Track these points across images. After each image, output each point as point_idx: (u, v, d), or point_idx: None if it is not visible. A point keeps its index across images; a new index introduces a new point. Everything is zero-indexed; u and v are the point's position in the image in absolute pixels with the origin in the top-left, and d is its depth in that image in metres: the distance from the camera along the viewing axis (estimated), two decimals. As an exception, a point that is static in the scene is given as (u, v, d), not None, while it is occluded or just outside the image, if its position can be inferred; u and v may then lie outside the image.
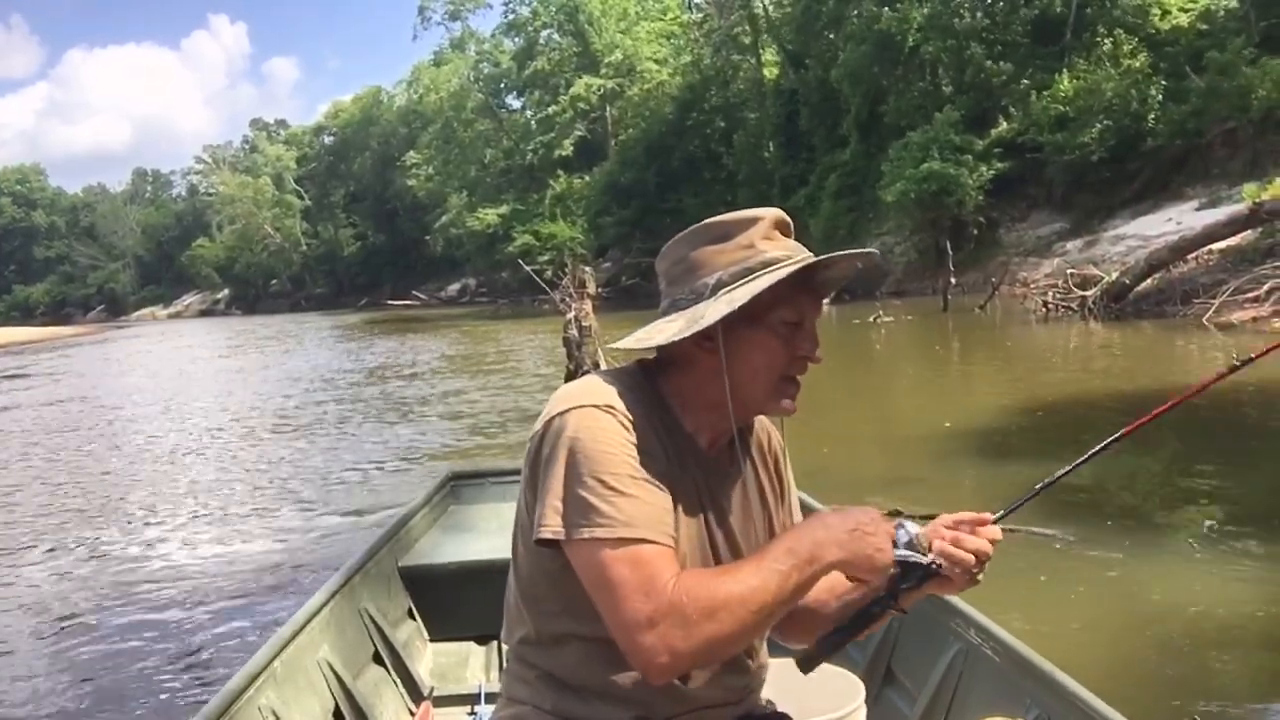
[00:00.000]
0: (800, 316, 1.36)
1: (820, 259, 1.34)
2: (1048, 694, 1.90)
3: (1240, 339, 13.64)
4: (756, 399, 1.37)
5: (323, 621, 2.64)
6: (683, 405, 1.38)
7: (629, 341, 1.38)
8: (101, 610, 5.74)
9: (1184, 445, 7.93)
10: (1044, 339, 16.82)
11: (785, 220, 1.38)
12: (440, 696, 2.96)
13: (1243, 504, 6.14)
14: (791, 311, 1.34)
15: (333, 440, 11.55)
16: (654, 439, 1.31)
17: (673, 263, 1.38)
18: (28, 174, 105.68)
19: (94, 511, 8.65)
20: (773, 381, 1.36)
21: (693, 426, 1.39)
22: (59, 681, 4.72)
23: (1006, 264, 24.14)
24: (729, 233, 1.34)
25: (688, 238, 1.38)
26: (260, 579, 6.07)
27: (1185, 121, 22.98)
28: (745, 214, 1.36)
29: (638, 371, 1.40)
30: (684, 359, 1.36)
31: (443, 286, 64.14)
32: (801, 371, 1.38)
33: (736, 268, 1.32)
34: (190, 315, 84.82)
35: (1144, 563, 5.01)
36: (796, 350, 1.36)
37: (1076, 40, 27.07)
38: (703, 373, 1.36)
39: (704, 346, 1.33)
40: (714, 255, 1.34)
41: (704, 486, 1.38)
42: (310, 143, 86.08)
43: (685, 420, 1.38)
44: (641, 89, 48.30)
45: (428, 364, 20.81)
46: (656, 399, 1.37)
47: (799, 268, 1.31)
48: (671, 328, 1.32)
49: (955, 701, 2.23)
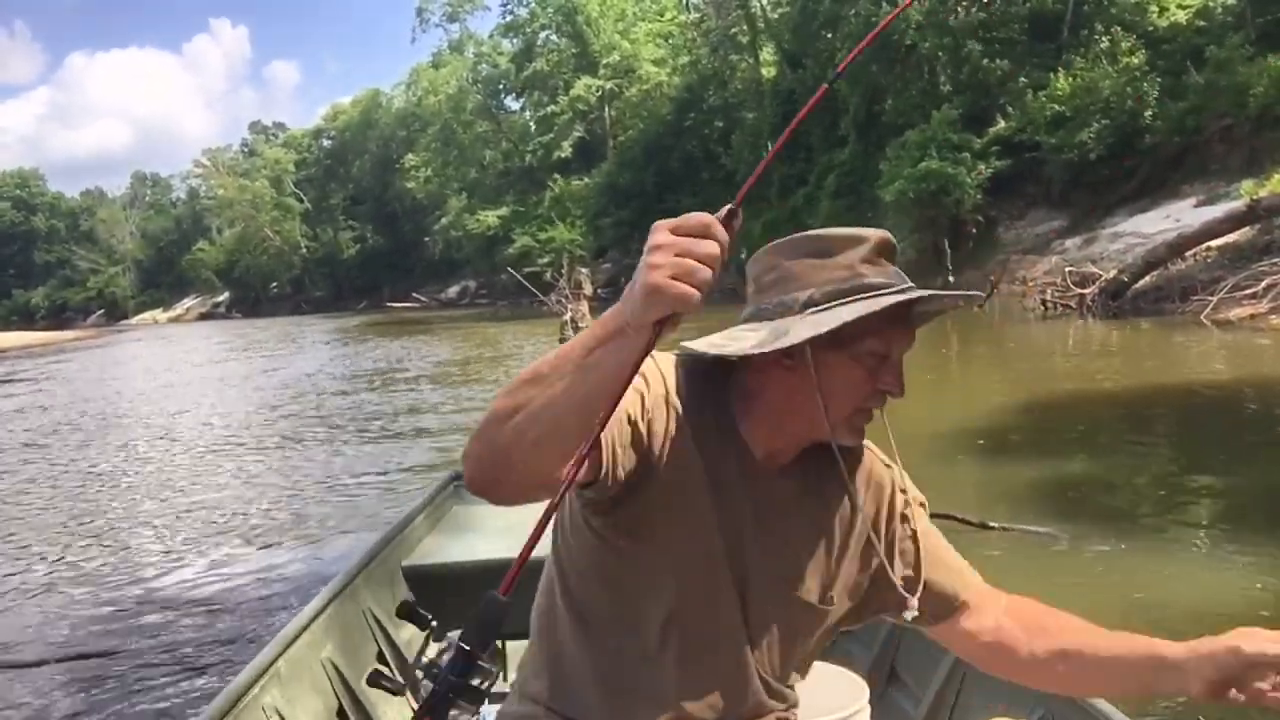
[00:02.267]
0: (888, 349, 1.27)
1: (919, 295, 1.24)
2: (1051, 694, 1.89)
3: (1238, 336, 13.66)
4: (824, 424, 1.28)
5: (326, 621, 2.65)
6: (743, 411, 1.33)
7: (702, 345, 1.30)
8: (103, 615, 5.76)
9: (1183, 442, 7.95)
10: (1043, 337, 16.84)
11: (891, 244, 1.29)
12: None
13: (1242, 500, 6.16)
14: (880, 343, 1.26)
15: (336, 447, 11.54)
16: (696, 421, 1.28)
17: (765, 269, 1.31)
18: (27, 178, 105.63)
19: (91, 522, 8.66)
20: (847, 410, 1.28)
21: (748, 433, 1.33)
22: (60, 684, 4.73)
23: (1005, 262, 24.16)
24: (830, 249, 1.26)
25: (786, 246, 1.30)
26: (260, 582, 6.09)
27: (1183, 119, 23.00)
28: (850, 232, 1.27)
29: (711, 364, 1.33)
30: (755, 368, 1.30)
31: (442, 288, 64.14)
32: (879, 405, 1.31)
33: (831, 288, 1.24)
34: (190, 319, 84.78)
35: (1142, 560, 5.03)
36: (878, 383, 1.28)
37: (1074, 37, 27.08)
38: (773, 386, 1.29)
39: (781, 362, 1.26)
40: (811, 270, 1.26)
41: (746, 493, 1.32)
42: (309, 146, 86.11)
43: (741, 425, 1.33)
44: (640, 90, 48.35)
45: (428, 366, 20.83)
46: (720, 394, 1.33)
47: (895, 303, 1.21)
48: (752, 338, 1.25)
49: (959, 701, 2.24)
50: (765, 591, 1.33)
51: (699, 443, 1.29)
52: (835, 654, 2.66)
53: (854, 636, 2.78)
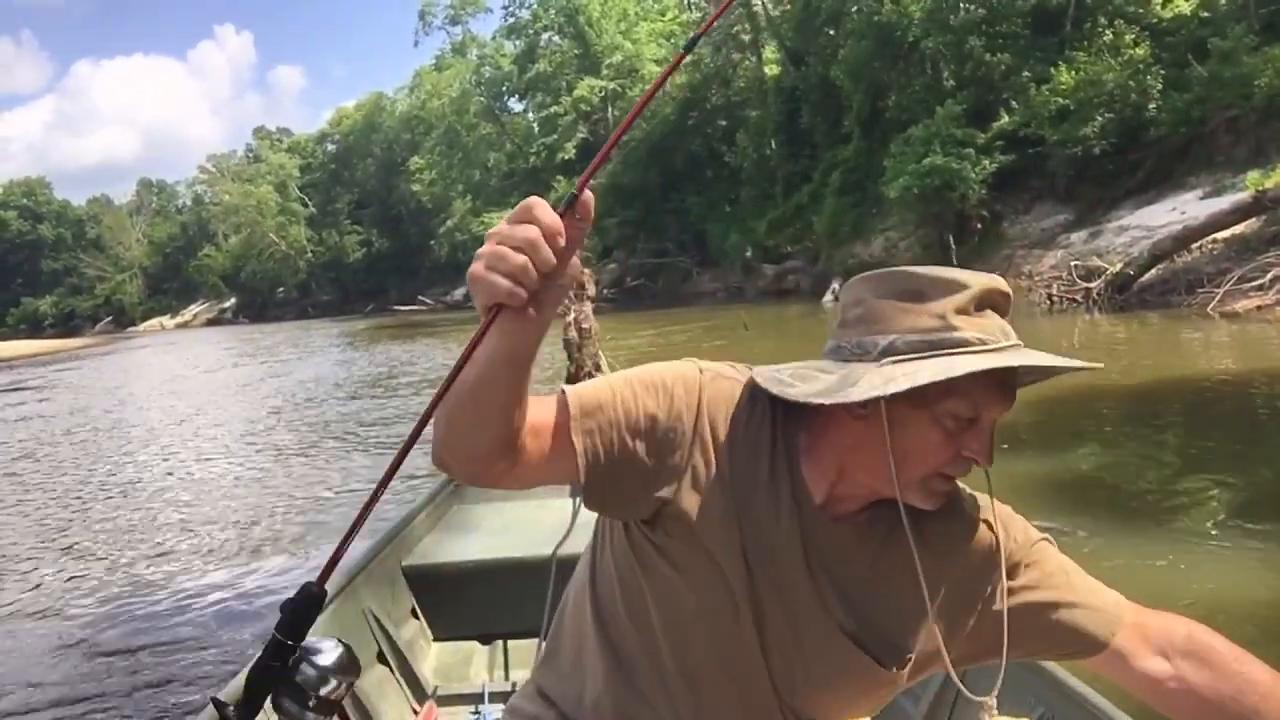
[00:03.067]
0: (976, 413, 1.13)
1: (1013, 363, 1.10)
2: (1053, 693, 1.89)
3: (1246, 327, 13.60)
4: (893, 483, 1.15)
5: (326, 621, 2.65)
6: (807, 449, 1.21)
7: (767, 376, 1.20)
8: (104, 619, 5.77)
9: (1191, 435, 7.92)
10: (1049, 331, 16.79)
11: (1000, 293, 1.15)
12: (444, 696, 2.97)
13: (1252, 494, 6.12)
14: (967, 405, 1.12)
15: (338, 451, 11.56)
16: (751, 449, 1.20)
17: (852, 303, 1.19)
18: (34, 187, 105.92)
19: (92, 525, 8.68)
20: (920, 474, 1.15)
21: (809, 473, 1.21)
22: (62, 687, 4.74)
23: (1011, 257, 24.10)
24: (924, 292, 1.13)
25: (876, 281, 1.18)
26: (259, 583, 6.09)
27: (1188, 110, 22.89)
28: (951, 276, 1.14)
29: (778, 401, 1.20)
30: (825, 410, 1.17)
31: (448, 291, 64.12)
32: (961, 472, 1.18)
33: (916, 338, 1.11)
34: (198, 325, 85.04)
35: (1149, 554, 5.01)
36: (962, 448, 1.14)
37: (1077, 31, 26.99)
38: (841, 434, 1.18)
39: (853, 410, 1.15)
40: (897, 313, 1.13)
41: (796, 532, 1.21)
42: (314, 150, 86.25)
43: (804, 463, 1.21)
44: (643, 90, 48.30)
45: (433, 370, 20.85)
46: (789, 426, 1.22)
47: (982, 369, 1.08)
48: (818, 383, 1.14)
49: (959, 702, 2.22)
50: (801, 632, 1.22)
51: (746, 470, 1.20)
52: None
53: None
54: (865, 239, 30.73)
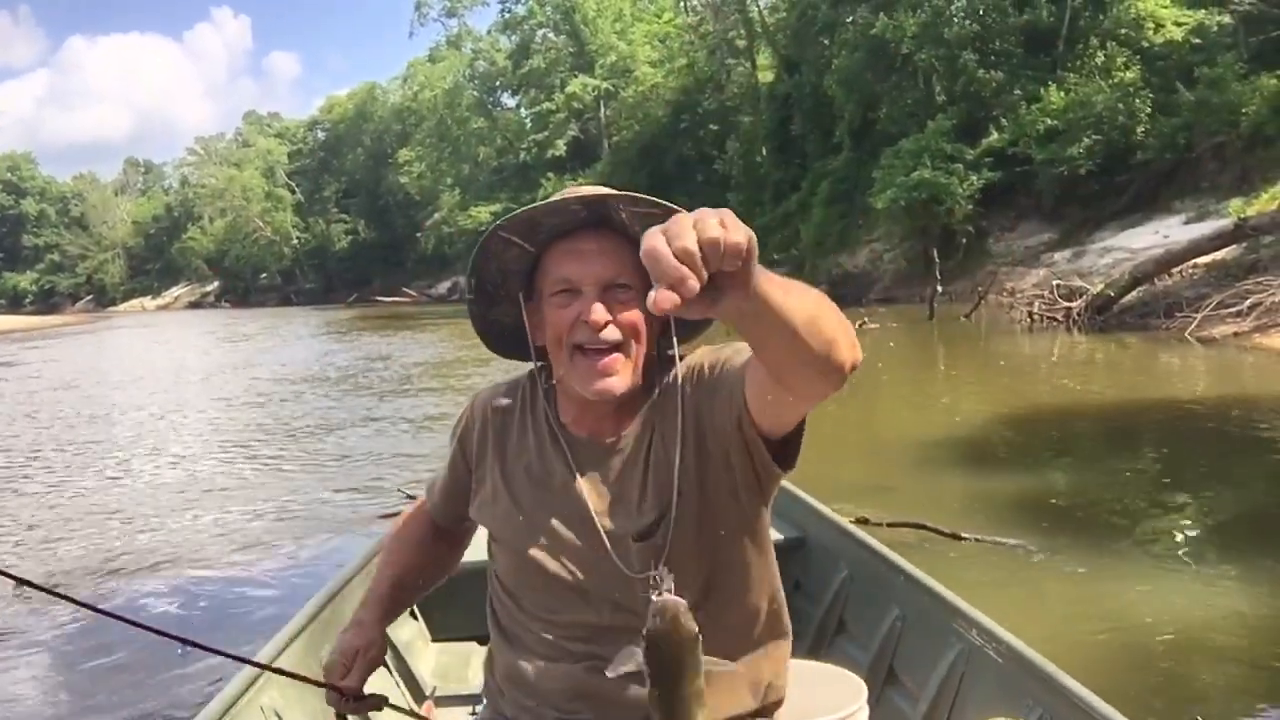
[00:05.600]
0: (566, 276, 1.37)
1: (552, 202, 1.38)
2: (1050, 695, 1.90)
3: (1222, 352, 13.73)
4: (564, 375, 1.42)
5: (326, 621, 2.63)
6: (560, 392, 1.48)
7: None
8: (99, 614, 5.67)
9: (1163, 458, 7.98)
10: (1028, 349, 16.90)
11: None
12: (443, 696, 2.96)
13: (1220, 518, 6.18)
14: (560, 272, 1.38)
15: (336, 445, 11.43)
16: (499, 426, 1.53)
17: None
18: (18, 161, 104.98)
19: (81, 520, 8.60)
20: (562, 349, 1.39)
21: (562, 408, 1.49)
22: (57, 686, 4.68)
23: (994, 273, 24.22)
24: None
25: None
26: (258, 583, 6.03)
27: (1175, 135, 23.12)
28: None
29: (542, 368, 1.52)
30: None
31: (432, 284, 63.99)
32: (589, 340, 1.34)
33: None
34: (179, 307, 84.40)
35: (1116, 575, 5.03)
36: (579, 315, 1.35)
37: (1069, 51, 27.19)
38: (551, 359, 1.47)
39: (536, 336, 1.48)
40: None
41: (566, 463, 1.45)
42: (304, 137, 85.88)
43: (561, 403, 1.49)
44: (636, 91, 48.27)
45: (423, 362, 20.79)
46: (537, 391, 1.52)
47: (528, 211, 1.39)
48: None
49: (957, 702, 2.23)
50: (590, 525, 1.42)
51: (494, 441, 1.54)
52: (833, 654, 2.68)
53: (852, 637, 2.80)
54: (851, 250, 30.84)
